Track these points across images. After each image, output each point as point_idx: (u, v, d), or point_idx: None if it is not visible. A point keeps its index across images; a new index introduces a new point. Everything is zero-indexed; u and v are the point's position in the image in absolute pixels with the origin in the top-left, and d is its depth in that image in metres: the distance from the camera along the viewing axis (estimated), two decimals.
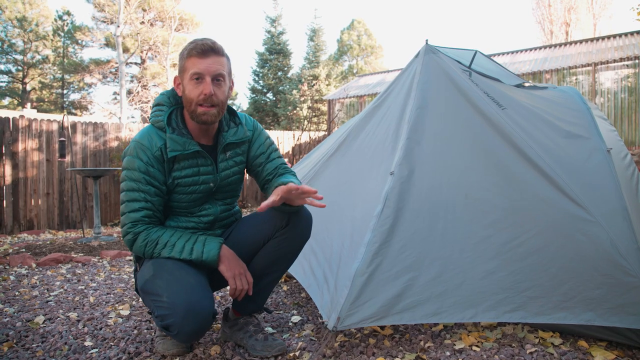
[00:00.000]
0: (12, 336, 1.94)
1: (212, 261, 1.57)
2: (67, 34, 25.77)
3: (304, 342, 1.79)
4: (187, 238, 1.59)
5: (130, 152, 1.58)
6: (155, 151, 1.56)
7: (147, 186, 1.56)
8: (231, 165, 1.71)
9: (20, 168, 6.47)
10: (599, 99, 9.49)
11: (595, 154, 1.91)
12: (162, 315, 1.49)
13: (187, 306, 1.44)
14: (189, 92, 1.55)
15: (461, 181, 1.85)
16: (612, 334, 1.65)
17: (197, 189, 1.64)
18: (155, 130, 1.60)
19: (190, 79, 1.54)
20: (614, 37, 10.52)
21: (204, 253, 1.56)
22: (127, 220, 1.56)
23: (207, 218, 1.71)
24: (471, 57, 2.33)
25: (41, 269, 3.46)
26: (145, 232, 1.56)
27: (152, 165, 1.56)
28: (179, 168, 1.60)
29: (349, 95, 12.41)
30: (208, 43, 1.55)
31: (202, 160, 1.63)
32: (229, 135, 1.68)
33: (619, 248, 1.61)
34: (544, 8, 20.99)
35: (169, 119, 1.61)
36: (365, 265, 1.66)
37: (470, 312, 1.65)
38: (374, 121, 2.35)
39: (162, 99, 1.66)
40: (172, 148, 1.57)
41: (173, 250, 1.55)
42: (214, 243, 1.59)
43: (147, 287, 1.55)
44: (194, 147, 1.59)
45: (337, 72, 19.64)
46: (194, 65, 1.53)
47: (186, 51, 1.55)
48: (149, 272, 1.55)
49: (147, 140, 1.57)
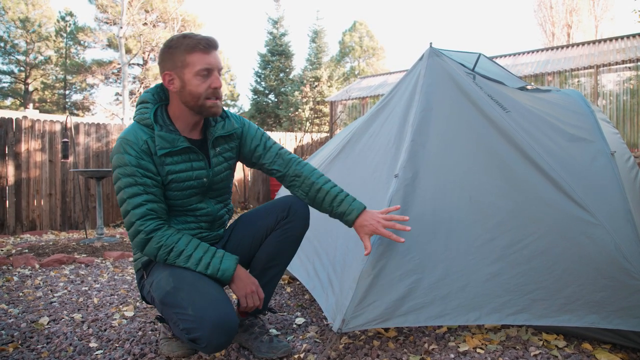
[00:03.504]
0: (17, 337, 1.95)
1: (226, 280, 1.55)
2: (69, 34, 25.83)
3: (308, 344, 1.80)
4: (204, 250, 1.55)
5: (117, 150, 1.53)
6: (141, 144, 1.53)
7: (143, 178, 1.51)
8: (221, 161, 1.70)
9: (23, 168, 6.49)
10: (601, 101, 9.48)
11: (599, 157, 1.91)
12: (187, 328, 1.44)
13: (215, 320, 1.41)
14: (195, 87, 1.53)
15: (465, 184, 1.85)
16: (616, 337, 1.66)
17: (191, 184, 1.61)
18: (140, 127, 1.56)
19: (198, 74, 1.52)
20: (616, 39, 10.52)
21: (219, 271, 1.53)
22: (134, 217, 1.50)
23: (205, 217, 1.70)
24: (475, 60, 2.34)
25: (44, 269, 3.47)
26: (160, 234, 1.52)
27: (142, 158, 1.52)
28: (172, 162, 1.57)
29: (351, 97, 12.41)
30: (211, 38, 1.56)
31: (194, 156, 1.61)
32: (217, 129, 1.66)
33: (623, 251, 1.61)
34: (546, 10, 21.00)
35: (154, 116, 1.58)
36: (370, 268, 1.67)
37: (474, 314, 1.66)
38: (377, 123, 2.35)
39: (147, 97, 1.63)
40: (162, 146, 1.54)
41: (189, 262, 1.52)
42: (230, 262, 1.56)
43: (168, 299, 1.50)
44: (183, 143, 1.57)
45: (339, 74, 19.63)
46: (202, 60, 1.52)
47: (185, 46, 1.52)
48: (169, 284, 1.50)
49: (132, 136, 1.53)
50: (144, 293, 1.69)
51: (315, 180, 1.71)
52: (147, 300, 1.69)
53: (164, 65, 1.57)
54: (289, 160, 1.76)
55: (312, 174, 1.73)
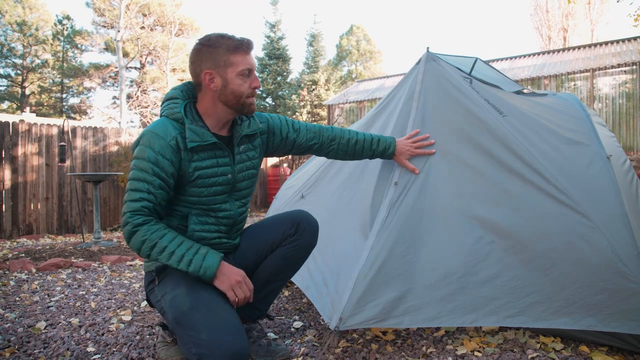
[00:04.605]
0: (13, 342, 1.94)
1: (208, 279, 1.51)
2: (66, 38, 25.81)
3: (306, 347, 1.80)
4: (188, 247, 1.50)
5: (142, 142, 1.53)
6: (170, 140, 1.52)
7: (152, 177, 1.50)
8: (244, 159, 1.70)
9: (19, 172, 6.47)
10: (597, 104, 9.53)
11: (595, 161, 1.92)
12: (199, 354, 1.40)
13: (229, 351, 1.38)
14: (237, 86, 1.57)
15: (463, 188, 1.86)
16: (613, 340, 1.66)
17: (217, 180, 1.61)
18: (170, 121, 1.57)
19: (240, 73, 1.57)
20: (612, 43, 10.59)
21: (201, 268, 1.49)
22: (127, 209, 1.50)
23: (226, 220, 1.68)
24: (471, 64, 2.35)
25: (41, 274, 3.46)
26: (146, 228, 1.48)
27: (163, 155, 1.51)
28: (199, 159, 1.57)
29: (349, 101, 12.44)
30: (250, 40, 1.61)
31: (220, 152, 1.62)
32: (243, 128, 1.69)
33: (620, 254, 1.62)
34: (542, 14, 21.11)
35: (184, 111, 1.59)
36: (367, 268, 1.68)
37: (471, 316, 1.66)
38: (374, 129, 2.36)
39: (175, 93, 1.63)
40: (192, 138, 1.54)
41: (171, 259, 1.47)
42: (212, 260, 1.51)
43: (183, 320, 1.46)
44: (211, 138, 1.58)
45: (336, 77, 19.69)
46: (244, 60, 1.57)
47: (227, 46, 1.55)
48: (185, 304, 1.48)
49: (161, 130, 1.53)
50: (151, 298, 1.65)
51: (349, 136, 1.93)
52: (155, 306, 1.65)
53: (202, 64, 1.57)
54: (318, 130, 1.91)
55: (343, 133, 1.93)
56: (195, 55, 1.59)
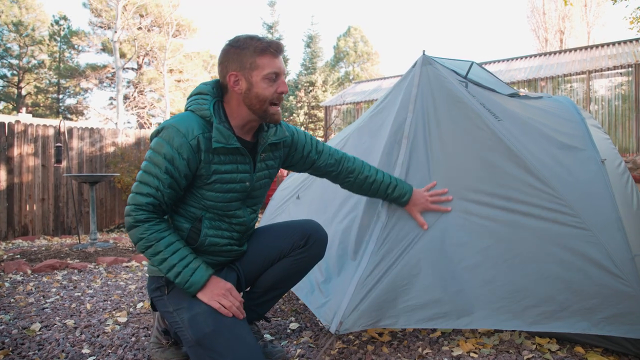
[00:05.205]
0: (8, 344, 1.93)
1: (191, 294, 1.47)
2: (63, 38, 25.78)
3: (302, 349, 1.80)
4: (180, 257, 1.46)
5: (162, 135, 1.45)
6: (191, 139, 1.45)
7: (164, 175, 1.44)
8: (264, 167, 1.65)
9: (15, 173, 6.44)
10: (593, 106, 9.58)
11: (589, 165, 1.93)
12: None
13: None
14: (262, 90, 1.50)
15: (459, 193, 1.87)
16: (607, 342, 1.67)
17: (234, 187, 1.56)
18: (196, 118, 1.49)
19: (266, 77, 1.50)
20: (608, 45, 10.65)
21: (187, 283, 1.46)
22: (132, 201, 1.46)
23: (239, 227, 1.64)
24: (467, 68, 2.35)
25: (37, 275, 3.44)
26: (146, 227, 1.45)
27: (180, 154, 1.44)
28: (219, 162, 1.51)
29: (346, 102, 12.46)
30: (279, 42, 1.55)
31: (241, 158, 1.56)
32: (269, 135, 1.63)
33: (614, 258, 1.63)
34: (539, 16, 21.22)
35: (214, 109, 1.52)
36: (367, 273, 1.70)
37: (466, 319, 1.67)
38: (370, 132, 2.36)
39: (206, 89, 1.56)
40: (217, 139, 1.47)
41: (162, 265, 1.45)
42: (200, 276, 1.47)
43: (207, 342, 1.43)
44: (235, 143, 1.52)
45: (334, 79, 19.72)
46: (272, 64, 1.51)
47: (255, 48, 1.49)
48: (208, 325, 1.44)
49: (184, 126, 1.45)
50: (159, 306, 1.60)
51: (368, 174, 1.84)
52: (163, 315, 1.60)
53: (229, 65, 1.51)
54: (340, 158, 1.84)
55: (363, 168, 1.85)
56: (223, 56, 1.53)
